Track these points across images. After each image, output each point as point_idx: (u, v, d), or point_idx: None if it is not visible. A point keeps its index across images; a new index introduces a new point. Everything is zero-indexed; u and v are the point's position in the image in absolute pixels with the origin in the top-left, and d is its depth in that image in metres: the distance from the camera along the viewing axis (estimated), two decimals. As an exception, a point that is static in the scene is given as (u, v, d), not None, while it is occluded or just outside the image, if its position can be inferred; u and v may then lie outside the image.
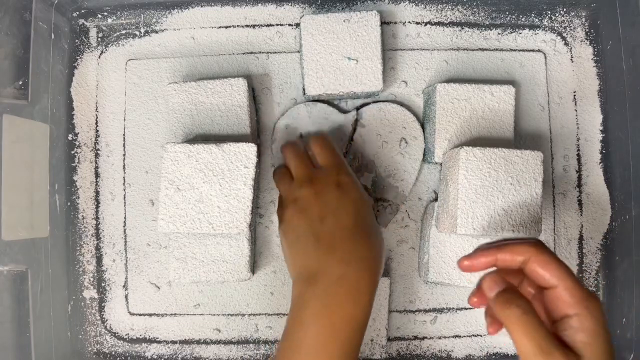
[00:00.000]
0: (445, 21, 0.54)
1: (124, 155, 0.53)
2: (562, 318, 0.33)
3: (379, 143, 0.52)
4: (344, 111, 0.53)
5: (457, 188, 0.45)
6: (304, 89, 0.50)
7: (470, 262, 0.36)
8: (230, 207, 0.45)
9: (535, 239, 0.36)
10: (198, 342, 0.52)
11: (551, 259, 0.34)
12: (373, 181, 0.52)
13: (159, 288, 0.53)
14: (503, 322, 0.32)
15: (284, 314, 0.52)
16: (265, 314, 0.52)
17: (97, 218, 0.53)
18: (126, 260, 0.53)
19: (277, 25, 0.53)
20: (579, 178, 0.53)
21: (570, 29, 0.54)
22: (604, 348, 0.31)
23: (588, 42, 0.54)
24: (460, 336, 0.52)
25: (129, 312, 0.53)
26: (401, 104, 0.53)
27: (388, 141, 0.52)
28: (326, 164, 0.45)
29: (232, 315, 0.52)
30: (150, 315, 0.53)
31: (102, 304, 0.53)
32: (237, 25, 0.54)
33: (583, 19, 0.54)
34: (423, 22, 0.54)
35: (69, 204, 0.53)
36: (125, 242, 0.53)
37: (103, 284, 0.53)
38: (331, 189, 0.42)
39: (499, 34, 0.54)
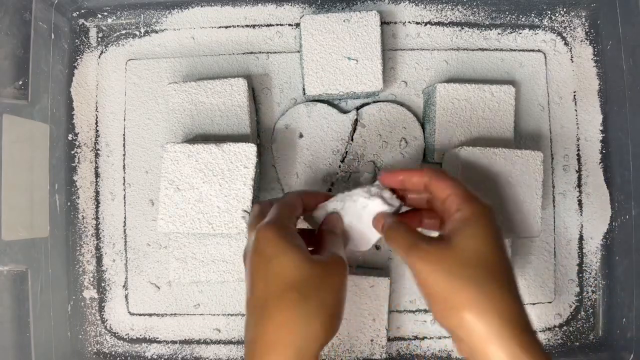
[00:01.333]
0: (445, 21, 0.54)
1: (124, 155, 0.53)
2: (448, 221, 0.37)
3: (379, 143, 0.52)
4: (344, 111, 0.53)
5: (457, 188, 0.45)
6: (304, 89, 0.50)
7: (389, 177, 0.40)
8: (230, 207, 0.45)
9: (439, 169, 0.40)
10: (198, 342, 0.52)
11: (446, 177, 0.38)
12: (373, 181, 0.52)
13: (159, 288, 0.53)
14: (387, 240, 0.38)
15: (284, 314, 0.52)
16: (265, 314, 0.52)
17: (97, 218, 0.53)
18: (126, 260, 0.53)
19: (277, 25, 0.53)
20: (579, 178, 0.53)
21: (570, 29, 0.54)
22: (475, 231, 0.34)
23: (588, 42, 0.54)
24: (460, 336, 0.52)
25: (129, 312, 0.53)
26: (401, 104, 0.53)
27: (388, 141, 0.52)
28: None
29: (232, 315, 0.52)
30: (150, 315, 0.53)
31: (102, 304, 0.53)
32: (237, 25, 0.54)
33: (583, 19, 0.54)
34: (423, 22, 0.54)
35: (69, 204, 0.53)
36: (125, 242, 0.53)
37: (103, 284, 0.53)
38: (250, 255, 0.36)
39: (499, 34, 0.54)
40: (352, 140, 0.52)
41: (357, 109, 0.52)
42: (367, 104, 0.53)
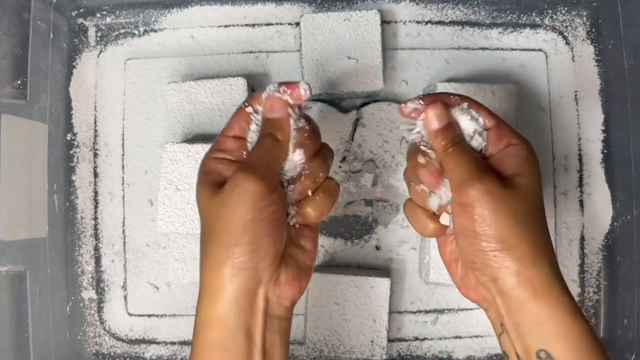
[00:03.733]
0: (446, 20, 0.53)
1: (123, 155, 0.53)
2: (497, 153, 0.36)
3: (380, 143, 0.52)
4: (344, 111, 0.52)
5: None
6: (303, 89, 0.50)
7: (418, 103, 0.37)
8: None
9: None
10: (197, 343, 0.52)
11: (482, 106, 0.38)
12: (373, 181, 0.51)
13: (158, 289, 0.52)
14: (440, 147, 0.36)
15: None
16: (265, 314, 0.52)
17: (95, 218, 0.53)
18: (125, 261, 0.52)
19: (277, 24, 0.53)
20: (580, 178, 0.53)
21: (572, 28, 0.54)
22: (534, 171, 0.35)
23: (589, 42, 0.54)
24: (461, 337, 0.52)
25: (128, 313, 0.52)
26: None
27: (388, 141, 0.52)
28: None
29: (231, 316, 0.52)
30: (149, 316, 0.52)
31: (101, 305, 0.53)
32: (237, 25, 0.53)
33: (584, 18, 0.54)
34: (424, 21, 0.53)
35: (67, 204, 0.53)
36: (124, 242, 0.53)
37: (102, 285, 0.53)
38: (226, 198, 0.37)
39: (499, 33, 0.54)
40: (352, 140, 0.52)
41: (358, 108, 0.52)
42: (368, 103, 0.52)
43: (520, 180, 0.34)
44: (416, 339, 0.52)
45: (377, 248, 0.52)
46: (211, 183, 0.36)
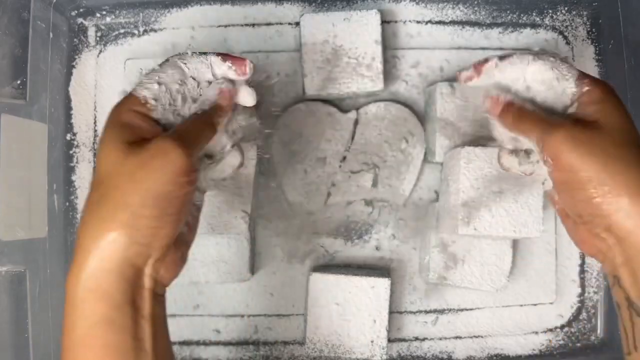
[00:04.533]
0: (446, 20, 0.53)
1: (123, 155, 0.53)
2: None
3: (380, 143, 0.51)
4: (344, 111, 0.52)
5: (458, 188, 0.45)
6: (303, 89, 0.50)
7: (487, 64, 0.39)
8: (230, 208, 0.45)
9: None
10: (197, 343, 0.52)
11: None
12: (373, 181, 0.51)
13: (158, 289, 0.52)
14: (511, 123, 0.37)
15: (283, 315, 0.52)
16: (265, 314, 0.52)
17: (95, 218, 0.53)
18: (125, 261, 0.52)
19: (277, 24, 0.53)
20: (581, 178, 0.53)
21: (572, 28, 0.54)
22: (616, 108, 0.34)
23: (590, 42, 0.54)
24: (461, 337, 0.52)
25: (128, 313, 0.52)
26: (402, 104, 0.52)
27: (389, 141, 0.51)
28: None
29: (231, 316, 0.52)
30: (149, 316, 0.52)
31: (101, 305, 0.52)
32: (237, 24, 0.53)
33: (585, 18, 0.54)
34: (424, 21, 0.53)
35: (67, 204, 0.53)
36: (124, 242, 0.52)
37: (102, 285, 0.53)
38: (137, 157, 0.34)
39: (500, 32, 0.53)
40: (352, 140, 0.52)
41: (358, 108, 0.52)
42: (368, 103, 0.52)
43: (603, 120, 0.33)
44: (416, 339, 0.52)
45: (377, 248, 0.52)
46: (126, 140, 0.32)
